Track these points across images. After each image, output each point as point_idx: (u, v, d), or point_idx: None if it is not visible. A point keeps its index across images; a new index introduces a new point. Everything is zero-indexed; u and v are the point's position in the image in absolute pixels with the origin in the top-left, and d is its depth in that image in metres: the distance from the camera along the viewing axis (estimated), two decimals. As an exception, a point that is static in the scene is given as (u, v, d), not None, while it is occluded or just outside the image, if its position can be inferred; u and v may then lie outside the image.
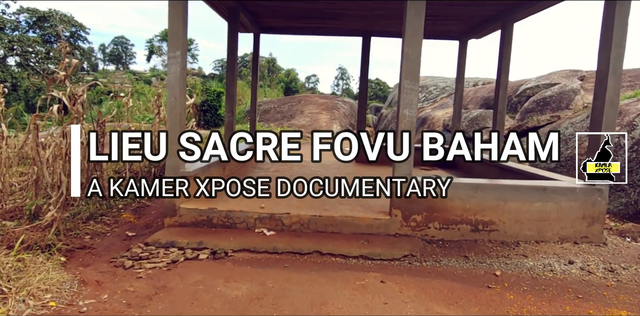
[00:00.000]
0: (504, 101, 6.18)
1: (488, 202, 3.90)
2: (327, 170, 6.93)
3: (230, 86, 6.10)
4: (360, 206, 4.32)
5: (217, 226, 3.98)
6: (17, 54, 25.57)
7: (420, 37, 3.75)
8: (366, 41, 7.92)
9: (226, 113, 6.11)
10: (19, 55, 25.63)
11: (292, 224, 3.94)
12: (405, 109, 3.81)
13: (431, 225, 3.93)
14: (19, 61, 25.75)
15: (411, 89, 3.79)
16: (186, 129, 8.49)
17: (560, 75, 10.70)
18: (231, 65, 6.07)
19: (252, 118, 8.07)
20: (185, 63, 3.96)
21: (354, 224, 3.92)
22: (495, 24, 6.43)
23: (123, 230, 4.44)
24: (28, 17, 26.73)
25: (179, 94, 3.88)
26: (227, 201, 4.30)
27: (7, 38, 24.09)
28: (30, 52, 25.81)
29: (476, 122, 11.09)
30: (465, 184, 3.92)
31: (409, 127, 3.83)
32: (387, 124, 17.20)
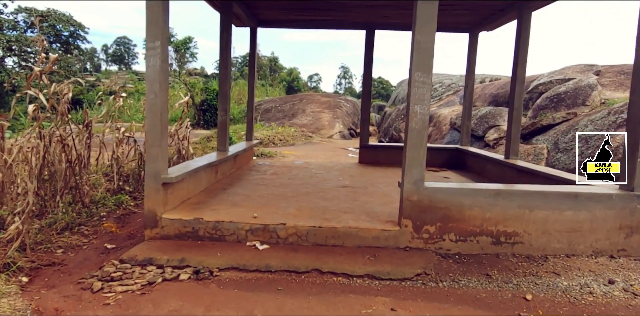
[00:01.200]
0: (521, 96, 5.68)
1: (511, 211, 3.42)
2: (329, 172, 6.47)
3: (223, 83, 5.64)
4: (365, 215, 3.85)
5: (203, 238, 3.53)
6: (15, 54, 25.28)
7: (433, 22, 3.27)
8: (370, 34, 7.45)
9: (219, 112, 5.66)
10: (17, 55, 25.34)
11: (288, 237, 3.48)
12: (416, 106, 3.33)
13: (446, 237, 3.45)
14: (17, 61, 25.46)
15: (423, 83, 3.32)
16: (179, 128, 8.05)
17: (575, 70, 10.16)
18: (224, 60, 5.61)
19: (250, 118, 7.62)
20: (166, 55, 3.50)
21: (359, 237, 3.45)
22: (510, 13, 5.93)
23: (102, 242, 4.00)
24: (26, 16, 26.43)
25: (160, 90, 3.42)
26: (216, 210, 3.84)
27: (5, 38, 23.76)
28: (28, 52, 25.50)
29: (485, 120, 10.58)
30: (485, 191, 3.44)
31: (420, 126, 3.35)
32: (391, 122, 16.70)
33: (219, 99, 5.63)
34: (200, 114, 19.01)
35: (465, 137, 7.59)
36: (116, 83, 27.66)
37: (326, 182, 5.60)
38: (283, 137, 14.17)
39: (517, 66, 5.59)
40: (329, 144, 15.14)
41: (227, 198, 4.42)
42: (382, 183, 5.62)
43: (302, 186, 5.28)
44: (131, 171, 6.72)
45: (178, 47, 19.80)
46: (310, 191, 4.98)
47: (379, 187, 5.35)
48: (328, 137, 17.21)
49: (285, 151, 11.44)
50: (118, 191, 5.75)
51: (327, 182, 5.60)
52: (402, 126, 15.42)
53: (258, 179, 5.68)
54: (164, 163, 3.55)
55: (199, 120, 18.90)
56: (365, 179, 5.96)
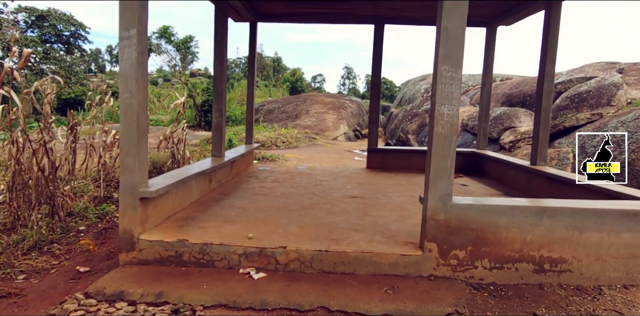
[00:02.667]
0: (550, 95, 5.09)
1: (558, 232, 2.84)
2: (335, 179, 5.90)
3: (218, 81, 5.09)
4: (379, 234, 3.28)
5: (189, 264, 2.97)
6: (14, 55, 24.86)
7: (464, 4, 2.70)
8: (379, 29, 6.88)
9: (214, 113, 5.11)
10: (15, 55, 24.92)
11: (289, 263, 2.91)
12: (442, 106, 2.76)
13: (479, 264, 2.88)
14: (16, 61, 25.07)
15: (451, 78, 2.75)
16: (174, 130, 7.53)
17: (596, 68, 9.54)
18: (219, 56, 5.06)
19: (249, 119, 7.06)
20: (145, 46, 2.96)
21: (373, 263, 2.89)
22: (535, 4, 5.35)
23: (75, 264, 3.45)
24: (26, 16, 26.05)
25: (136, 88, 2.87)
26: (206, 228, 3.29)
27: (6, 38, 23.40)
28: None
29: (500, 121, 9.97)
30: (526, 208, 2.86)
31: (448, 131, 2.78)
32: (398, 123, 16.11)
33: (214, 98, 5.09)
34: (201, 116, 18.51)
35: (482, 140, 6.99)
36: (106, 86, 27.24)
37: (332, 191, 5.03)
38: (286, 140, 13.63)
39: (546, 61, 5.01)
40: (333, 146, 14.58)
41: (219, 211, 3.87)
42: (394, 192, 5.05)
43: (305, 196, 4.72)
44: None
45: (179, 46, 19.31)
46: (314, 202, 4.42)
47: (392, 197, 4.78)
48: (332, 139, 16.64)
49: (288, 154, 10.89)
50: (104, 199, 5.23)
51: (333, 191, 5.04)
52: (409, 127, 14.82)
53: (257, 188, 5.12)
54: (142, 174, 3.01)
55: (200, 121, 18.41)
56: (375, 187, 5.39)
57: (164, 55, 19.02)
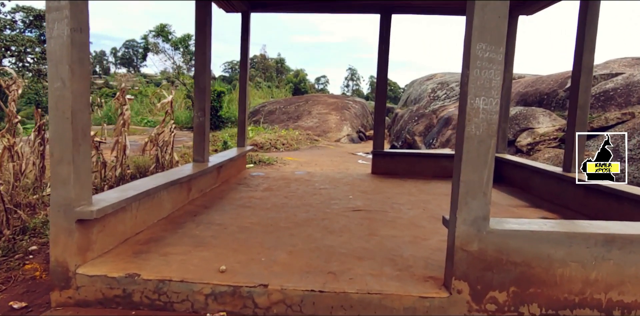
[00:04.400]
0: (588, 90, 4.36)
1: (632, 268, 2.11)
2: (336, 187, 5.18)
3: (200, 75, 4.39)
4: (390, 264, 2.56)
5: (140, 306, 2.26)
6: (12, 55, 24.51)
7: (508, -41, 1.99)
8: (385, 19, 6.18)
9: (195, 112, 4.41)
10: (13, 56, 24.56)
11: (271, 306, 2.20)
12: (477, 99, 2.05)
13: (525, 310, 2.15)
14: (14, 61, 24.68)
15: (490, 60, 2.03)
16: (160, 132, 6.86)
17: (622, 63, 8.78)
18: (201, 46, 4.36)
19: (241, 119, 6.37)
20: (83, 20, 2.26)
21: (383, 307, 2.17)
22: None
23: (10, 297, 2.75)
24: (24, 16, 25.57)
25: (70, 75, 2.17)
26: (168, 257, 2.58)
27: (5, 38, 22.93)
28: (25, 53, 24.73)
29: (515, 122, 9.21)
30: (590, 236, 2.13)
31: (484, 132, 2.06)
32: (404, 125, 15.38)
33: (195, 95, 4.39)
34: (199, 116, 17.87)
35: (501, 142, 6.25)
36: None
37: (332, 202, 4.32)
38: (286, 141, 12.92)
39: (583, 51, 4.27)
40: (336, 148, 13.86)
41: (193, 230, 3.16)
42: (404, 204, 4.33)
43: (300, 209, 4.01)
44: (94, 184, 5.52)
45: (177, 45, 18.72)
46: (310, 217, 3.70)
47: (402, 210, 4.05)
48: (335, 140, 15.92)
49: (287, 157, 10.18)
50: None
51: (333, 202, 4.32)
52: (416, 128, 14.09)
53: (245, 198, 4.42)
54: (81, 187, 2.31)
55: (198, 123, 17.76)
56: (382, 197, 4.67)
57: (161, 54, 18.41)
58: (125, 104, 6.32)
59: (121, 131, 6.20)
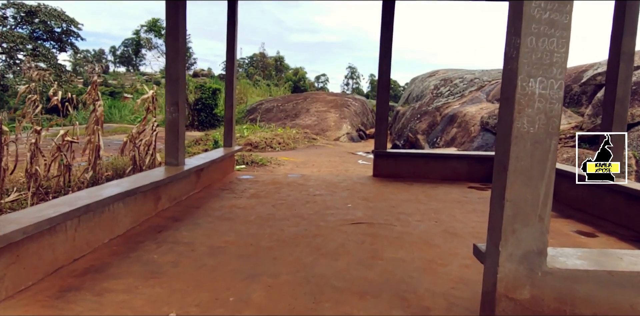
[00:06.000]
0: (628, 80, 3.72)
1: None
2: (333, 193, 4.54)
3: (173, 62, 3.73)
4: (400, 306, 1.91)
5: (54, 373, 1.62)
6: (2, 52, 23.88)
7: None
8: (388, 5, 5.52)
9: (167, 108, 3.75)
10: (4, 53, 23.93)
11: (235, 375, 1.55)
12: (532, 80, 1.40)
13: None
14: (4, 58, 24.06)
15: (551, 24, 1.38)
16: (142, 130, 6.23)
17: (644, 56, 8.10)
18: (173, 30, 3.69)
19: (228, 116, 5.72)
20: None
21: (394, 378, 1.52)
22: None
23: None
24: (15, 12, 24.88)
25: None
26: (103, 297, 1.92)
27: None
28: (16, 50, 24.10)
29: (527, 119, 8.55)
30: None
31: (542, 128, 1.41)
32: (406, 123, 14.71)
33: (167, 87, 3.73)
34: (194, 115, 17.24)
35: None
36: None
37: (328, 213, 3.67)
38: (283, 140, 12.26)
39: (623, 34, 3.62)
40: (335, 147, 13.21)
41: (149, 254, 2.51)
42: (412, 214, 3.68)
43: (289, 221, 3.36)
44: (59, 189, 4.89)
45: (170, 41, 18.00)
46: (300, 233, 3.05)
47: (410, 223, 3.41)
48: (334, 139, 15.26)
49: (282, 157, 9.52)
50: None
51: (329, 213, 3.67)
52: (418, 126, 13.43)
53: (226, 207, 3.77)
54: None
55: (194, 121, 17.13)
56: (386, 205, 4.02)
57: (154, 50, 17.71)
58: (98, 100, 5.68)
59: (94, 129, 5.56)
